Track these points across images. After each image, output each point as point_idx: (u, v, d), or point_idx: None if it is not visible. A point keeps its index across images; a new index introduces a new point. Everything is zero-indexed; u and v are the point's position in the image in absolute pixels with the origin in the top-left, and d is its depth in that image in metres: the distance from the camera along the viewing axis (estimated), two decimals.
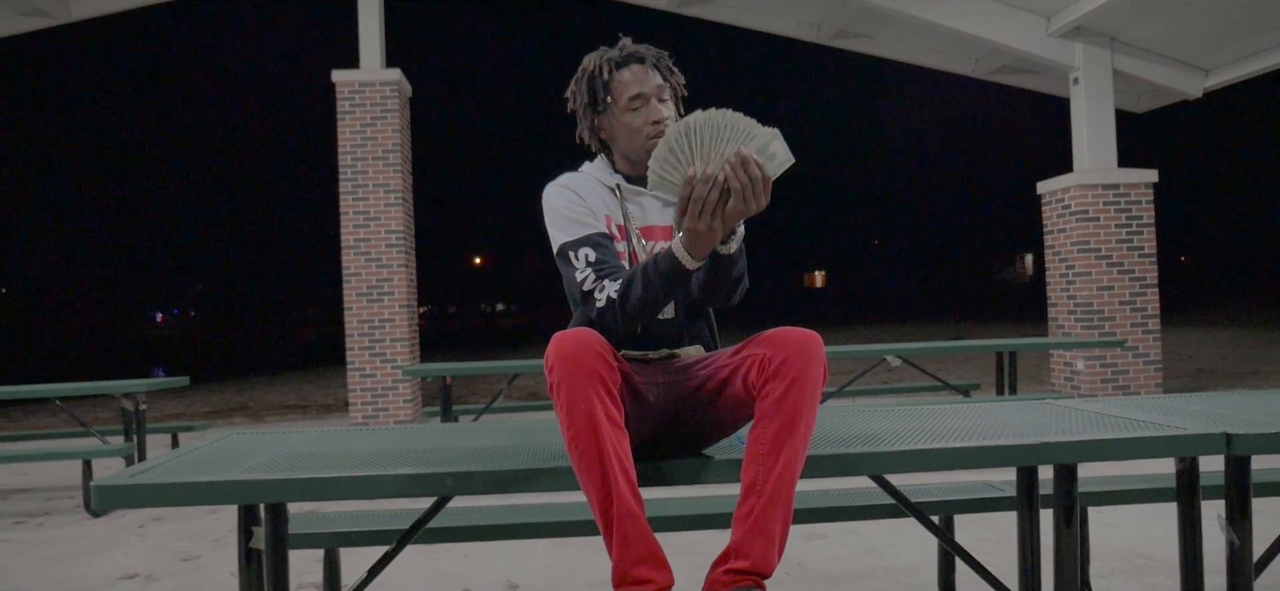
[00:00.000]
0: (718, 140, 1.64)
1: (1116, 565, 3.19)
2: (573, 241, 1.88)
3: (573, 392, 1.60)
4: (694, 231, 1.65)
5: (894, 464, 1.80)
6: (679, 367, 1.90)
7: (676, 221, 1.67)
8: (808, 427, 1.65)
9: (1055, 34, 7.67)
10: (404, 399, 7.86)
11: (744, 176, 1.61)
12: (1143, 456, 1.87)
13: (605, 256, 1.86)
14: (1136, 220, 7.60)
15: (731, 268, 1.78)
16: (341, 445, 2.13)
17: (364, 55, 7.92)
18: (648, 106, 1.91)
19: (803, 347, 1.66)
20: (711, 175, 1.62)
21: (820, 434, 2.07)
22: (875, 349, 5.78)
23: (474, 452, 1.95)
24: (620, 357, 1.77)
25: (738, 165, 1.60)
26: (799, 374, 1.64)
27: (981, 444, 1.83)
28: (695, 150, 1.64)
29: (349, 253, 7.89)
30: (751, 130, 1.64)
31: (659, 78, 1.94)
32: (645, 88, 1.91)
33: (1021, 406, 2.46)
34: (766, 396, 1.66)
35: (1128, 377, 7.56)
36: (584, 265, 1.86)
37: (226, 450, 2.09)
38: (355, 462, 1.86)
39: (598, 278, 1.84)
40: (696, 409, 1.84)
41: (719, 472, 1.77)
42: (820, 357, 1.68)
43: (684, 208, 1.65)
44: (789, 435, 1.63)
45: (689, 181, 1.63)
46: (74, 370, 19.98)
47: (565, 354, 1.61)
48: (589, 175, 2.00)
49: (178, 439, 5.89)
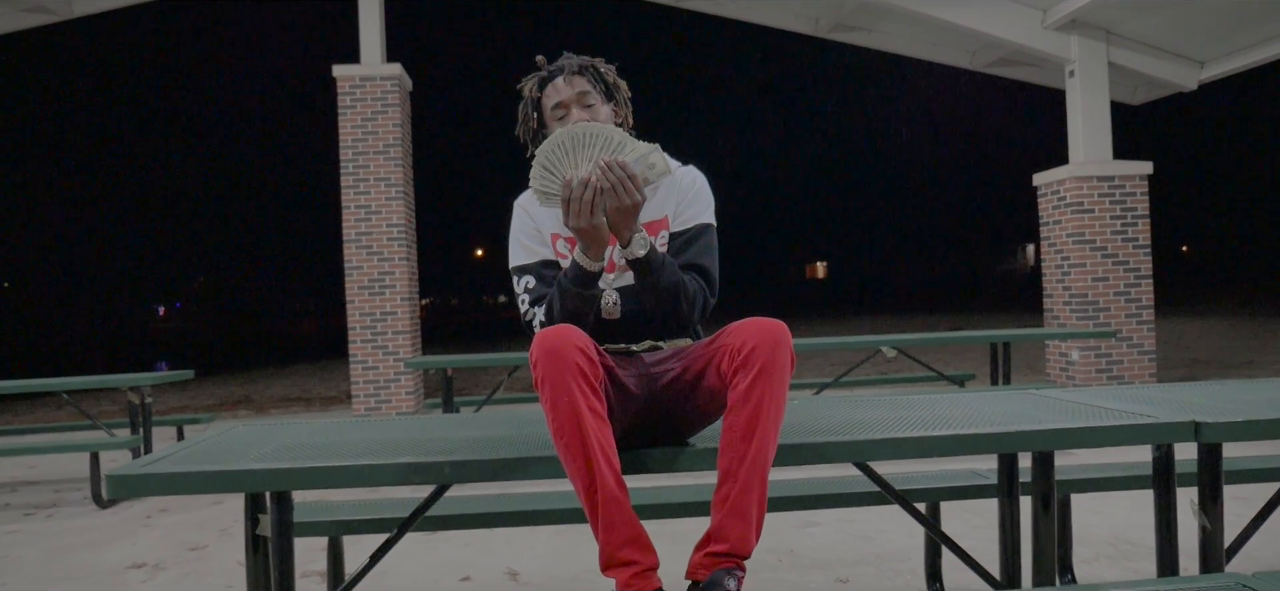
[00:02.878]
0: (589, 149, 1.83)
1: (1101, 550, 3.26)
2: (519, 267, 2.08)
3: (556, 385, 1.67)
4: (578, 230, 1.82)
5: (872, 451, 1.88)
6: (659, 360, 1.97)
7: (564, 222, 1.86)
8: (777, 413, 1.72)
9: (1051, 26, 7.72)
10: (406, 391, 7.95)
11: (613, 176, 1.79)
12: (1114, 444, 1.94)
13: (544, 288, 2.03)
14: (1131, 211, 7.66)
15: (654, 275, 1.90)
16: (344, 436, 2.20)
17: (365, 50, 7.98)
18: (568, 114, 2.03)
19: (769, 337, 1.73)
20: (585, 179, 1.80)
21: (806, 422, 2.14)
22: (871, 340, 5.86)
23: (472, 442, 2.02)
24: (603, 352, 1.84)
25: (605, 168, 1.79)
26: (766, 362, 1.71)
27: (958, 432, 1.90)
28: (567, 162, 1.84)
29: (350, 246, 7.96)
30: (623, 141, 1.84)
31: (584, 83, 2.06)
32: (564, 96, 2.04)
33: (1006, 396, 2.53)
34: (736, 386, 1.74)
35: (1122, 368, 7.63)
36: (523, 292, 2.05)
37: (232, 441, 2.16)
38: (357, 452, 1.93)
39: (531, 305, 2.03)
40: (677, 399, 1.92)
41: (698, 460, 1.85)
42: (786, 345, 1.75)
43: (565, 210, 1.83)
44: (759, 421, 1.70)
45: (566, 185, 1.82)
46: (78, 364, 20.09)
47: (548, 349, 1.69)
48: None
49: (183, 431, 5.98)
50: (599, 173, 1.79)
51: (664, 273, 1.90)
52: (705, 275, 2.01)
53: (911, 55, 9.36)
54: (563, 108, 2.04)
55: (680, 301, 1.93)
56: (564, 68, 2.07)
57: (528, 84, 2.12)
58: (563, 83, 2.05)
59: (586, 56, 2.12)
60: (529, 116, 2.10)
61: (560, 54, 2.14)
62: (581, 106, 2.04)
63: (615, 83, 2.12)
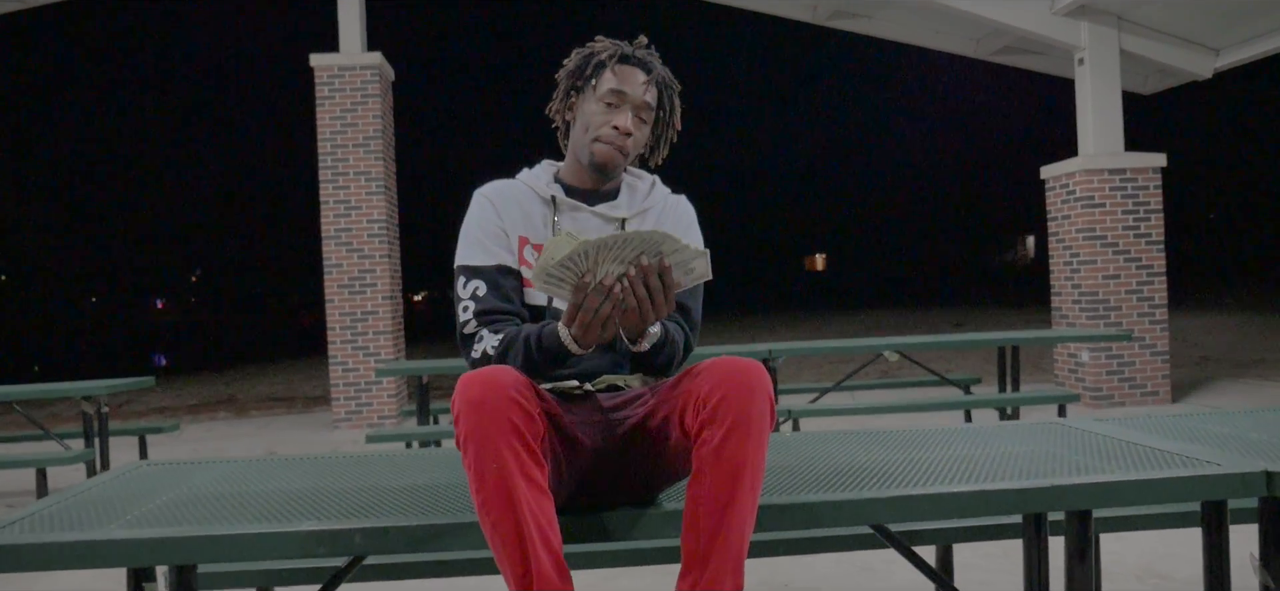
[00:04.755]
0: (625, 250, 1.45)
1: (1129, 586, 2.95)
2: (468, 267, 1.70)
3: (482, 448, 1.34)
4: (581, 339, 1.50)
5: (885, 512, 1.55)
6: (618, 404, 1.65)
7: (566, 319, 1.51)
8: (754, 479, 1.39)
9: (1060, 12, 7.38)
10: (388, 393, 7.62)
11: (643, 290, 1.45)
12: (1172, 501, 1.62)
13: (496, 301, 1.66)
14: (1144, 206, 7.33)
15: (652, 356, 1.61)
16: (261, 482, 1.88)
17: (344, 38, 7.64)
18: (618, 111, 1.70)
19: (741, 383, 1.40)
20: (607, 286, 1.45)
21: (797, 465, 1.82)
22: (873, 343, 5.54)
23: (402, 493, 1.70)
24: (545, 394, 1.52)
25: (637, 278, 1.45)
26: (739, 415, 1.38)
27: (986, 488, 1.58)
28: (594, 260, 1.45)
29: (330, 243, 7.63)
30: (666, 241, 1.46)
31: (652, 96, 1.74)
32: (631, 90, 1.70)
33: (1028, 431, 2.20)
34: (703, 443, 1.41)
35: (1134, 370, 7.31)
36: (469, 299, 1.66)
37: (123, 488, 1.84)
38: (262, 508, 1.62)
39: (479, 323, 1.64)
40: (640, 449, 1.59)
41: (665, 526, 1.53)
42: (763, 392, 1.42)
43: (572, 314, 1.48)
44: (732, 492, 1.37)
45: (580, 289, 1.46)
46: (79, 358, 19.77)
47: (472, 400, 1.35)
48: (522, 184, 1.79)
49: (145, 441, 5.64)
50: (626, 285, 1.44)
51: (663, 351, 1.61)
52: (689, 318, 1.73)
53: (913, 43, 9.01)
54: (619, 99, 1.70)
55: (669, 363, 1.64)
56: (652, 67, 1.74)
57: (604, 47, 1.76)
58: (640, 77, 1.72)
59: (670, 72, 1.81)
60: (584, 74, 1.74)
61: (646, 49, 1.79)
62: (638, 117, 1.72)
63: (673, 118, 1.81)
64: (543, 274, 1.45)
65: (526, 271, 1.70)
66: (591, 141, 1.70)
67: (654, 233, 1.44)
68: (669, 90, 1.77)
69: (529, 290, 1.70)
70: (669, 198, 1.83)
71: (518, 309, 1.68)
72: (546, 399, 1.50)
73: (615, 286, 1.44)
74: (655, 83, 1.74)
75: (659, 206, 1.80)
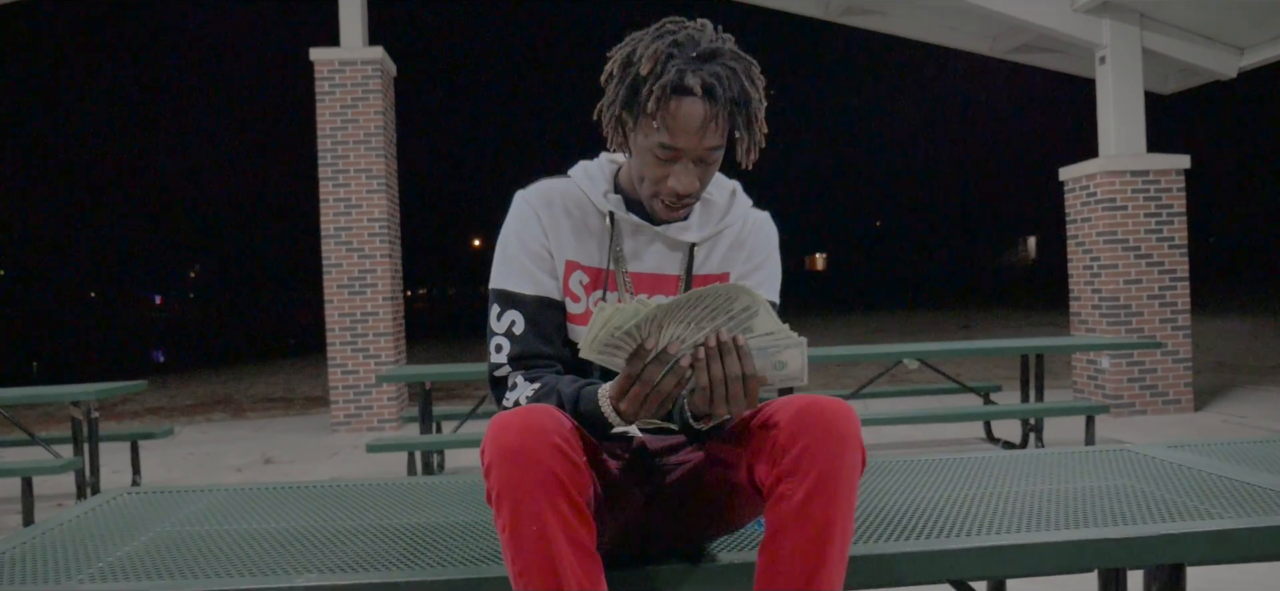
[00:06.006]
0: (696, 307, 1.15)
1: None
2: (505, 294, 1.42)
3: (519, 507, 1.11)
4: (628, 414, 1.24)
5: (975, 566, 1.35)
6: (663, 447, 1.43)
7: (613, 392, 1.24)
8: (844, 542, 1.18)
9: (1081, 9, 7.17)
10: (387, 397, 7.42)
11: (718, 372, 1.16)
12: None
13: (534, 341, 1.40)
14: (1167, 209, 7.12)
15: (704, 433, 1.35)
16: (249, 518, 1.69)
17: (344, 32, 7.43)
18: (672, 171, 1.34)
19: (828, 429, 1.18)
20: (673, 356, 1.17)
21: (865, 502, 1.62)
22: (891, 350, 5.35)
23: (411, 536, 1.50)
24: (587, 437, 1.29)
25: (713, 354, 1.16)
26: (827, 468, 1.16)
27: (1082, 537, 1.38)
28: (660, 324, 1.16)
29: (329, 242, 7.42)
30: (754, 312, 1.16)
31: (719, 133, 1.33)
32: (686, 143, 1.31)
33: (1100, 461, 2.00)
34: (781, 499, 1.18)
35: (1156, 377, 7.11)
36: (503, 335, 1.40)
37: (103, 522, 1.65)
38: (253, 553, 1.42)
39: (514, 367, 1.39)
40: (694, 499, 1.37)
41: (726, 582, 1.32)
42: (856, 439, 1.20)
43: (625, 385, 1.21)
44: (820, 557, 1.15)
45: (638, 357, 1.18)
46: (76, 354, 19.55)
47: (507, 450, 1.13)
48: (577, 190, 1.48)
49: (137, 447, 5.44)
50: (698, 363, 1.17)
51: (723, 429, 1.35)
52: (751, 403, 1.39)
53: (927, 40, 8.80)
54: (673, 155, 1.33)
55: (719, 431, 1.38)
56: (716, 92, 1.30)
57: (651, 67, 1.31)
58: (699, 115, 1.30)
59: (742, 72, 1.35)
60: (634, 106, 1.34)
61: (701, 31, 1.36)
62: (701, 166, 1.35)
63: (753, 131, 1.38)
64: (597, 346, 1.16)
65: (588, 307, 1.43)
66: (650, 198, 1.39)
67: (735, 289, 1.14)
68: (742, 108, 1.34)
69: (575, 327, 1.44)
70: (748, 216, 1.52)
71: (558, 351, 1.43)
72: (588, 442, 1.28)
73: (684, 358, 1.17)
74: (724, 110, 1.32)
75: (736, 227, 1.50)
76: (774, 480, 1.19)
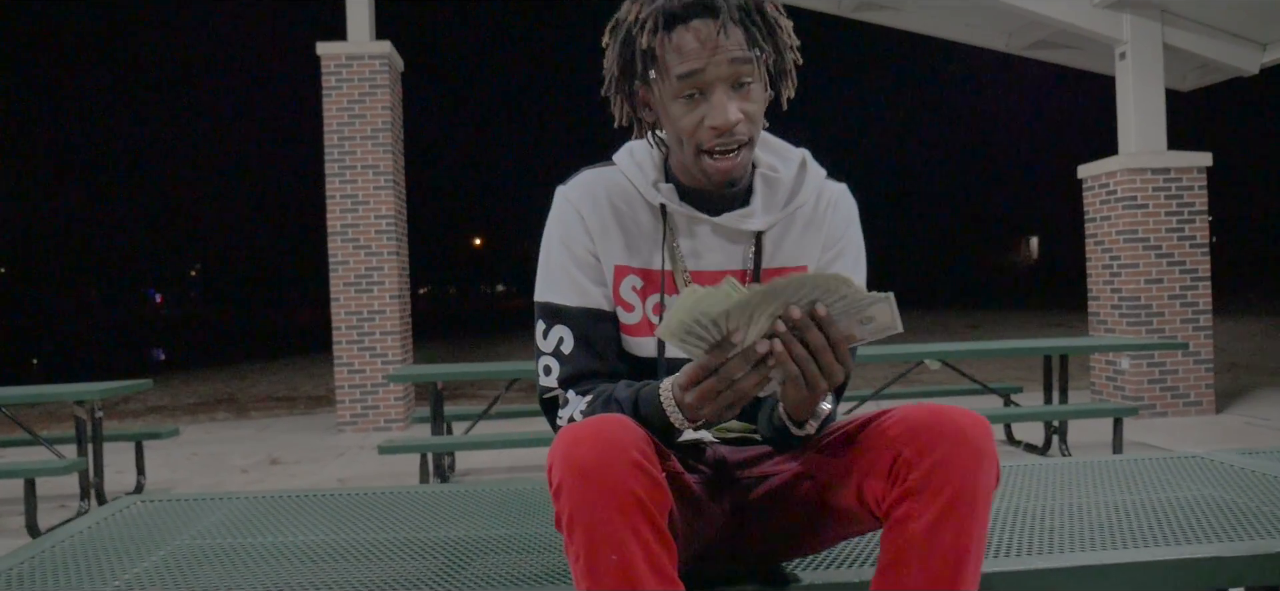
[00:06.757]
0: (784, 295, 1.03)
1: None
2: (551, 307, 1.28)
3: (595, 533, 0.98)
4: (695, 412, 1.10)
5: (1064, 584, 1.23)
6: (744, 458, 1.29)
7: (682, 381, 1.10)
8: (977, 573, 1.04)
9: (1101, 5, 7.05)
10: (395, 397, 7.30)
11: (802, 350, 1.03)
12: None
13: (586, 360, 1.26)
14: (1188, 207, 7.00)
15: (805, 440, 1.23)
16: (263, 532, 1.57)
17: (351, 26, 7.31)
18: (707, 100, 1.17)
19: (962, 443, 1.04)
20: (761, 353, 1.03)
21: None
22: (914, 351, 5.23)
23: (439, 554, 1.39)
24: (664, 449, 1.15)
25: (789, 335, 1.02)
26: (962, 488, 1.02)
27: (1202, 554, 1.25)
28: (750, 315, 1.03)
29: (335, 239, 7.30)
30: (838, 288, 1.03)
31: (739, 43, 1.16)
32: (706, 65, 1.15)
33: (1175, 468, 1.88)
34: (903, 522, 1.04)
35: (1177, 378, 6.98)
36: (553, 356, 1.26)
37: (111, 536, 1.53)
38: (270, 576, 1.30)
39: (564, 385, 1.25)
40: (782, 517, 1.23)
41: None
42: (993, 455, 1.06)
43: (695, 376, 1.07)
44: (952, 585, 1.01)
45: (718, 351, 1.05)
46: (78, 351, 19.44)
47: (581, 467, 0.99)
48: (624, 180, 1.31)
49: (142, 447, 5.32)
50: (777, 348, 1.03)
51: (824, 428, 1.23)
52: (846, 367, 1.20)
53: (943, 36, 8.67)
54: (698, 83, 1.16)
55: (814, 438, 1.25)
56: (720, 3, 1.16)
57: (643, 12, 1.19)
58: (706, 28, 1.15)
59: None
60: (637, 67, 1.22)
61: None
62: (732, 85, 1.17)
63: (779, 44, 1.22)
64: (679, 331, 1.03)
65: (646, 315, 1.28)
66: (696, 157, 1.21)
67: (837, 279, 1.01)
68: (755, 14, 1.18)
69: (631, 339, 1.30)
70: (823, 192, 1.33)
71: (612, 366, 1.29)
72: (663, 451, 1.14)
73: (760, 346, 1.03)
74: (732, 20, 1.15)
75: (808, 207, 1.31)
76: (894, 500, 1.06)
